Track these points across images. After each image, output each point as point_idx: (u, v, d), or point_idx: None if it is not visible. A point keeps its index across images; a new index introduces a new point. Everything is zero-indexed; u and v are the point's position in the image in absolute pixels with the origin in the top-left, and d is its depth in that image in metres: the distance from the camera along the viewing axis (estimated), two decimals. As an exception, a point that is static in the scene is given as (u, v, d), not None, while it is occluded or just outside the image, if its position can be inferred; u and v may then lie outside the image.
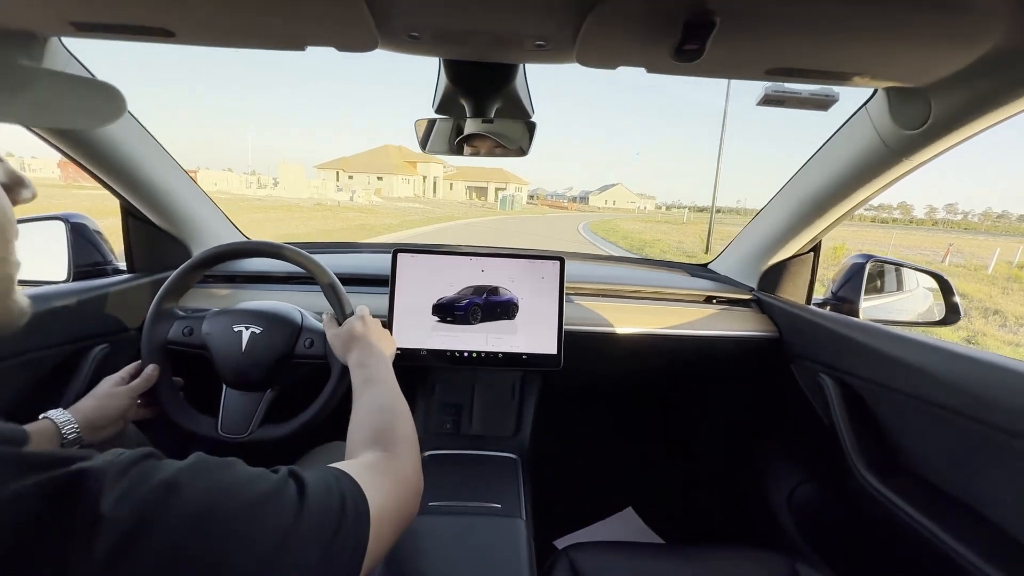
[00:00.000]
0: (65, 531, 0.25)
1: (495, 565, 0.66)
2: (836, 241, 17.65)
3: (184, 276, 0.82)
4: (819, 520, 1.03)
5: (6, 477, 0.25)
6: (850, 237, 24.20)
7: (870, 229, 56.09)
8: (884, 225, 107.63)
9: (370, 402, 0.61)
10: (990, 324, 6.62)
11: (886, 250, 16.27)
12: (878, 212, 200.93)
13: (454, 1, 0.54)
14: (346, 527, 0.37)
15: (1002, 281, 11.04)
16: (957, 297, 1.06)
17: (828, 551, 1.00)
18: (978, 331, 6.16)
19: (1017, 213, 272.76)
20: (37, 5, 0.54)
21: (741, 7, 0.49)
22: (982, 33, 0.50)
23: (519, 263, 1.00)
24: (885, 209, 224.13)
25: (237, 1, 0.54)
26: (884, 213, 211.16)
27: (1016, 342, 5.86)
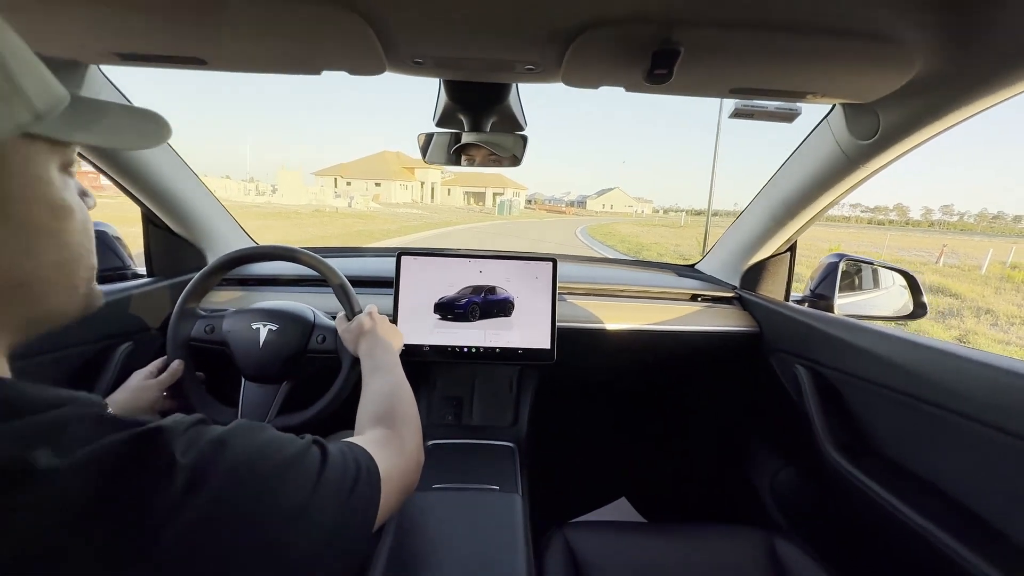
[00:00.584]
0: (148, 472, 0.31)
1: (494, 534, 0.72)
2: (832, 243, 17.75)
3: (206, 278, 0.89)
4: (797, 500, 1.10)
5: (101, 431, 0.32)
6: (846, 239, 24.37)
7: (867, 231, 56.41)
8: (880, 227, 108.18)
9: (377, 387, 0.68)
10: (981, 323, 6.71)
11: (881, 251, 16.41)
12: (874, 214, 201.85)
13: (453, 32, 0.61)
14: (360, 487, 0.44)
15: (995, 281, 11.16)
16: (924, 293, 1.14)
17: (804, 527, 1.07)
18: (969, 330, 6.25)
19: (1013, 214, 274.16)
20: (89, 38, 0.61)
21: (701, 39, 0.57)
22: (906, 62, 0.58)
23: (514, 264, 1.08)
24: (881, 211, 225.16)
25: (262, 32, 0.62)
26: (880, 215, 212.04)
27: (1006, 340, 5.95)
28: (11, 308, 0.33)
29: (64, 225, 0.35)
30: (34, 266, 0.34)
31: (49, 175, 0.34)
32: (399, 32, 0.61)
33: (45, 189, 0.34)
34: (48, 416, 0.30)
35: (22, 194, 0.32)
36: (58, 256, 0.35)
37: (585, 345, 1.18)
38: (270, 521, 0.35)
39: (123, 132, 0.39)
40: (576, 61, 0.63)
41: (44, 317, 0.36)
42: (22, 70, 0.31)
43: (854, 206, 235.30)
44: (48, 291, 0.35)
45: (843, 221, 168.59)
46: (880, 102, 0.70)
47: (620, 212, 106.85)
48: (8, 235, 0.32)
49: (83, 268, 0.38)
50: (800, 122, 0.96)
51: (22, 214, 0.32)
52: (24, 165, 0.32)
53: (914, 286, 1.16)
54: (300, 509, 0.37)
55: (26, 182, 0.32)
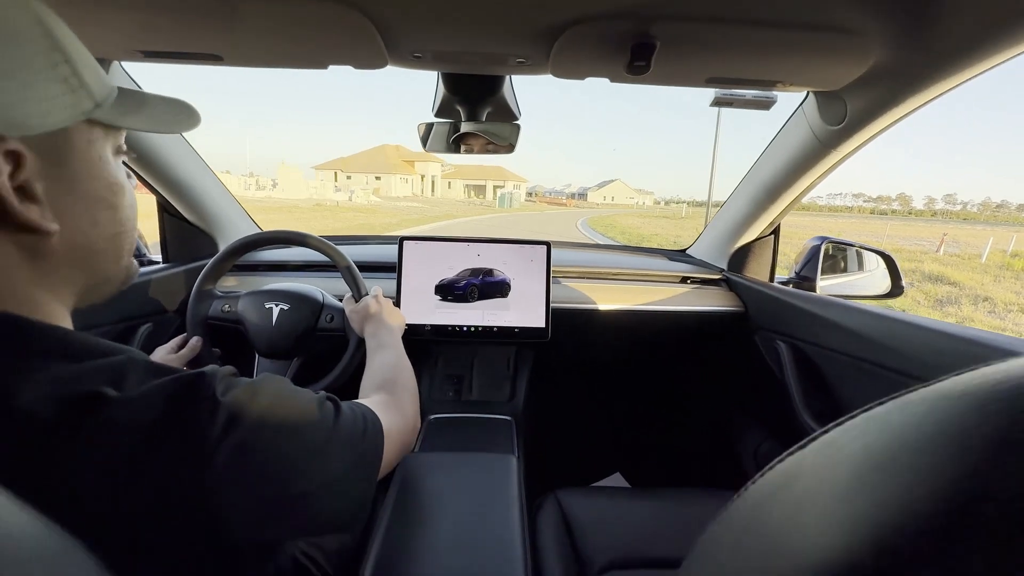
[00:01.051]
0: (197, 406, 0.37)
1: (491, 492, 0.79)
2: (833, 233, 17.71)
3: (222, 261, 0.95)
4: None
5: (154, 375, 0.38)
6: (847, 229, 24.34)
7: (869, 221, 56.21)
8: (883, 217, 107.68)
9: (380, 361, 0.75)
10: (979, 311, 6.76)
11: (881, 241, 16.40)
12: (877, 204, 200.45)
13: (450, 28, 0.67)
14: (368, 436, 0.50)
15: (994, 269, 11.19)
16: (901, 272, 1.20)
17: None
18: (967, 317, 6.30)
19: (1016, 203, 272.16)
20: (117, 37, 0.67)
21: (676, 32, 0.62)
22: (864, 52, 0.63)
23: (511, 248, 1.14)
24: (884, 200, 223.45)
25: (273, 30, 0.67)
26: (883, 205, 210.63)
27: (1002, 327, 6.00)
28: (76, 271, 0.39)
29: (119, 200, 0.41)
30: (96, 235, 0.40)
31: (106, 156, 0.40)
32: (400, 29, 0.66)
33: (104, 168, 0.40)
34: (109, 360, 0.36)
35: (87, 172, 0.38)
36: (113, 229, 0.41)
37: (579, 325, 1.25)
38: (295, 455, 0.41)
39: (162, 118, 0.45)
40: (562, 54, 0.68)
41: (98, 283, 0.42)
42: (83, 65, 0.37)
43: (856, 196, 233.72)
44: (102, 260, 0.41)
45: (845, 211, 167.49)
46: (846, 90, 0.75)
47: (621, 204, 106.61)
48: (79, 207, 0.38)
49: (127, 240, 0.44)
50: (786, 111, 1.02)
51: (89, 189, 0.38)
52: (88, 147, 0.38)
53: (892, 267, 1.22)
54: (319, 448, 0.44)
55: (90, 161, 0.38)
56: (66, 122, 0.35)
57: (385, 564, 0.60)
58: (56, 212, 0.36)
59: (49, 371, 0.33)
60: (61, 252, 0.37)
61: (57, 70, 0.35)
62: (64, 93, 0.35)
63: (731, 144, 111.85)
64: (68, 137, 0.36)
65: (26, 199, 0.34)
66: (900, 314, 0.83)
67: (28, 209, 0.34)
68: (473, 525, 0.68)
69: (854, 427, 0.20)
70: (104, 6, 0.62)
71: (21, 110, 0.32)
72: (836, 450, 0.19)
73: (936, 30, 0.59)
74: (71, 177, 0.37)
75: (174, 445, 0.34)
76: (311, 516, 0.42)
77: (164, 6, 0.61)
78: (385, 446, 0.53)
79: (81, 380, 0.33)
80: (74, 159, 0.37)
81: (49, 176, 0.35)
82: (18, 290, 0.36)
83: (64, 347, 0.35)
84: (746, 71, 0.71)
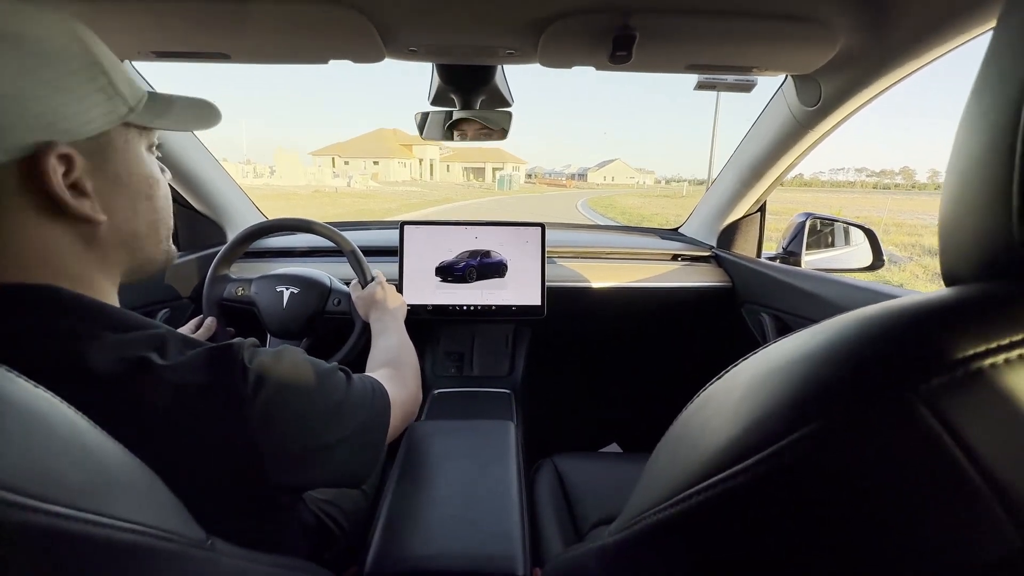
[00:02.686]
0: (229, 371, 0.43)
1: (491, 453, 0.85)
2: (833, 209, 17.64)
3: (235, 247, 1.01)
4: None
5: (189, 345, 0.44)
6: (848, 204, 24.21)
7: (871, 196, 55.79)
8: (886, 191, 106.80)
9: (384, 343, 0.82)
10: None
11: (882, 215, 16.35)
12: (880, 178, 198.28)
13: (442, 24, 0.71)
14: (376, 401, 0.57)
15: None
16: (882, 246, 1.25)
17: None
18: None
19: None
20: (131, 38, 0.72)
21: (654, 24, 0.67)
22: (831, 38, 0.68)
23: (507, 230, 1.19)
24: (887, 175, 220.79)
25: (277, 29, 0.72)
26: (886, 179, 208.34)
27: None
28: (122, 254, 0.45)
29: (155, 191, 0.47)
30: (138, 223, 0.45)
31: (142, 153, 0.46)
32: (396, 25, 0.71)
33: (140, 164, 0.45)
34: (149, 332, 0.42)
35: (127, 168, 0.44)
36: (152, 216, 0.47)
37: (574, 302, 1.31)
38: (314, 413, 0.48)
39: (188, 118, 0.50)
40: (549, 46, 0.73)
41: (141, 264, 0.48)
42: (117, 75, 0.42)
43: (859, 170, 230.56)
44: (145, 244, 0.47)
45: (848, 186, 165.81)
46: (819, 73, 0.80)
47: (622, 184, 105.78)
48: (123, 198, 0.43)
49: (165, 227, 0.50)
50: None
51: (129, 183, 0.44)
52: (126, 146, 0.44)
53: (873, 240, 1.27)
54: (335, 407, 0.50)
55: (129, 159, 0.44)
56: (106, 127, 0.41)
57: (395, 520, 0.66)
58: (103, 204, 0.42)
59: (105, 339, 0.39)
60: (109, 238, 0.43)
61: (96, 82, 0.40)
62: (103, 102, 0.40)
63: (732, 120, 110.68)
64: (109, 139, 0.42)
65: (78, 195, 0.40)
66: (874, 284, 0.89)
67: (81, 203, 0.40)
68: (474, 484, 0.75)
69: (747, 362, 0.26)
70: (120, 10, 0.66)
71: (70, 120, 0.38)
72: (734, 377, 0.26)
73: (893, 18, 0.63)
74: (114, 173, 0.43)
75: (214, 402, 0.40)
76: (331, 467, 0.49)
77: (176, 9, 0.66)
78: (391, 413, 0.59)
79: (131, 346, 0.39)
80: (115, 158, 0.43)
81: (95, 174, 0.41)
82: (76, 270, 0.42)
83: (113, 320, 0.41)
84: (722, 58, 0.76)
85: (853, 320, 0.21)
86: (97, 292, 0.43)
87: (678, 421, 0.31)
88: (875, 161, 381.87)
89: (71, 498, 0.23)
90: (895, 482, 0.17)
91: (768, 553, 0.21)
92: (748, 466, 0.20)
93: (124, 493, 0.27)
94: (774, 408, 0.20)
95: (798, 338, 0.24)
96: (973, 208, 0.22)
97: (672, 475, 0.26)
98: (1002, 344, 0.17)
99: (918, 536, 0.18)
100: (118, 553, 0.25)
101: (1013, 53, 0.20)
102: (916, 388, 0.17)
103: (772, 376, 0.22)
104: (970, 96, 0.24)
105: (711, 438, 0.23)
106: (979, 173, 0.21)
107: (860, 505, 0.18)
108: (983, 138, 0.21)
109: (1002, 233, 0.20)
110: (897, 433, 0.17)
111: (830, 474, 0.18)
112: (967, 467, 0.16)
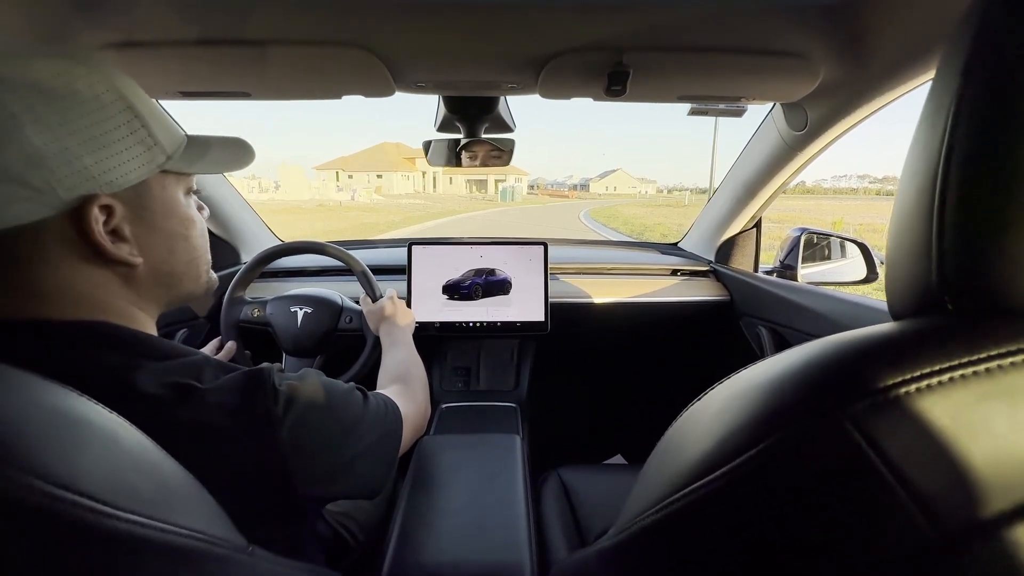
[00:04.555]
0: (262, 393, 0.47)
1: (497, 466, 0.88)
2: (835, 216, 17.64)
3: (250, 270, 1.06)
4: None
5: (225, 371, 0.48)
6: (850, 212, 24.20)
7: (874, 203, 55.78)
8: (889, 197, 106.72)
9: (394, 357, 0.86)
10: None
11: (884, 223, 16.31)
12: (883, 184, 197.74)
13: (448, 62, 0.77)
14: (390, 416, 0.61)
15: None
16: (876, 259, 1.29)
17: None
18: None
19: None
20: (159, 79, 0.77)
21: (646, 61, 0.71)
22: (812, 71, 0.72)
23: (511, 248, 1.24)
24: (890, 181, 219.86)
25: (296, 70, 0.77)
26: (889, 185, 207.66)
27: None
28: (160, 291, 0.50)
29: (191, 232, 0.51)
30: (175, 262, 0.50)
31: (178, 196, 0.50)
32: (405, 64, 0.76)
33: (177, 208, 0.49)
34: (186, 360, 0.46)
35: (163, 212, 0.48)
36: (188, 256, 0.51)
37: (577, 318, 1.34)
38: (337, 429, 0.52)
39: (224, 159, 0.54)
40: (548, 81, 0.78)
41: (181, 298, 0.53)
42: (156, 124, 0.46)
43: (862, 177, 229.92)
44: (183, 281, 0.51)
45: (850, 193, 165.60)
46: (805, 100, 0.84)
47: (624, 194, 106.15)
48: (159, 241, 0.47)
49: (203, 262, 0.54)
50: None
51: (165, 227, 0.48)
52: (163, 192, 0.48)
53: (867, 254, 1.30)
54: (355, 424, 0.54)
55: (165, 203, 0.48)
56: (144, 176, 0.44)
57: (408, 531, 0.70)
58: (140, 247, 0.45)
59: (149, 367, 0.43)
60: (146, 277, 0.47)
61: (136, 135, 0.43)
62: (142, 153, 0.44)
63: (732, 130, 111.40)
64: (148, 187, 0.45)
65: (117, 239, 0.43)
66: (863, 299, 0.92)
67: (119, 248, 0.43)
68: (483, 495, 0.78)
69: (722, 384, 0.30)
70: (149, 54, 0.72)
71: (111, 173, 0.41)
72: (710, 398, 0.30)
73: (869, 52, 0.68)
74: (151, 218, 0.46)
75: (250, 421, 0.44)
76: (350, 480, 0.53)
77: (202, 54, 0.71)
78: (403, 427, 0.63)
79: (173, 373, 0.43)
80: (152, 203, 0.46)
81: (134, 220, 0.44)
82: (118, 306, 0.46)
83: (155, 350, 0.45)
84: (712, 89, 0.80)
85: (807, 350, 0.25)
86: (139, 324, 0.47)
87: (666, 435, 0.35)
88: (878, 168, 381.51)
89: (144, 507, 0.27)
90: (828, 487, 0.21)
91: (736, 551, 0.24)
92: (716, 476, 0.24)
93: (182, 503, 0.31)
94: (737, 427, 0.24)
95: (764, 365, 0.28)
96: (907, 253, 0.26)
97: (658, 483, 0.30)
98: (916, 375, 0.21)
99: (849, 530, 0.21)
100: (177, 556, 0.29)
101: (933, 125, 0.25)
102: (844, 410, 0.21)
103: (739, 398, 0.26)
104: (908, 150, 0.28)
105: (690, 451, 0.27)
106: (911, 223, 0.25)
107: (803, 508, 0.22)
108: (913, 194, 0.25)
109: (926, 277, 0.24)
110: (830, 448, 0.21)
111: (779, 483, 0.22)
112: (886, 474, 0.20)
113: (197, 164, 0.51)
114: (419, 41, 0.70)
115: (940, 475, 0.20)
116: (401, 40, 0.69)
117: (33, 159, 0.36)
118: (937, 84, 0.25)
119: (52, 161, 0.37)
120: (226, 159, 0.54)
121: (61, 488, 0.23)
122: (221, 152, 0.54)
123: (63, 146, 0.38)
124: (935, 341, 0.22)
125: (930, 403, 0.20)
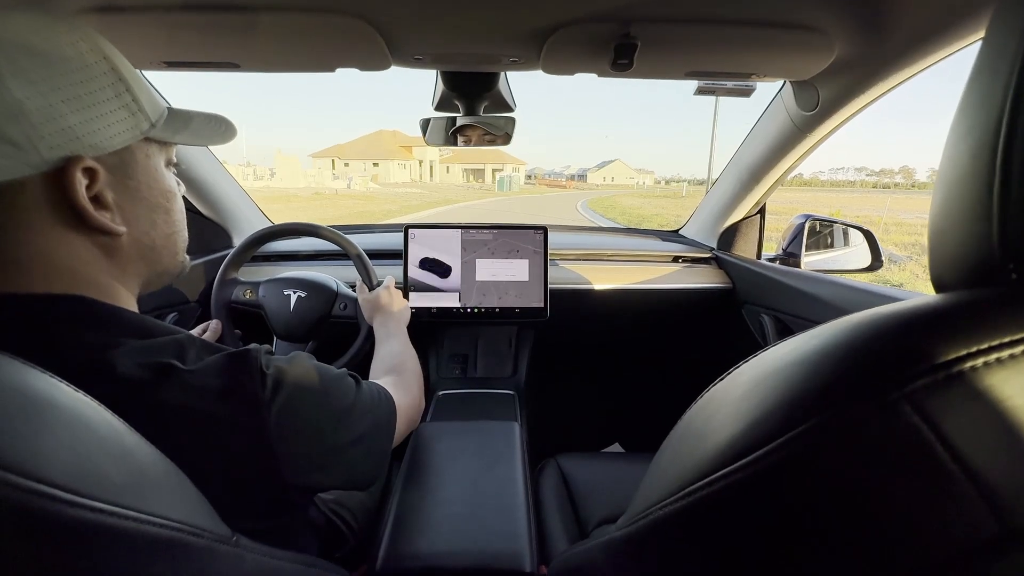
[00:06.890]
0: (248, 375, 0.44)
1: (496, 453, 0.87)
2: (833, 208, 17.65)
3: (243, 251, 1.03)
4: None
5: (210, 351, 0.45)
6: (848, 204, 24.22)
7: (871, 195, 55.79)
8: (886, 190, 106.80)
9: (388, 348, 0.83)
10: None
11: (882, 215, 16.36)
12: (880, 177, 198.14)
13: (447, 33, 0.73)
14: (383, 405, 0.58)
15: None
16: (880, 247, 1.27)
17: None
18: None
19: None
20: (143, 49, 0.73)
21: (654, 33, 0.68)
22: (827, 46, 0.69)
23: (510, 233, 1.21)
24: (887, 174, 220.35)
25: (285, 38, 0.74)
26: (886, 178, 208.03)
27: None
28: (140, 266, 0.47)
29: (172, 205, 0.48)
30: (156, 235, 0.47)
31: (161, 167, 0.47)
32: (401, 35, 0.72)
33: (159, 178, 0.47)
34: (169, 338, 0.44)
35: (147, 182, 0.45)
36: (168, 229, 0.48)
37: (576, 304, 1.32)
38: (327, 416, 0.49)
39: (205, 132, 0.52)
40: (551, 54, 0.74)
41: (159, 274, 0.50)
42: (139, 89, 0.43)
43: (859, 169, 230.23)
44: (162, 256, 0.49)
45: (848, 185, 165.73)
46: (817, 79, 0.81)
47: (621, 184, 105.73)
48: (142, 211, 0.45)
49: (181, 239, 0.52)
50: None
51: (148, 197, 0.45)
52: (146, 160, 0.45)
53: (872, 241, 1.28)
54: (346, 411, 0.52)
55: (148, 173, 0.45)
56: (128, 141, 0.42)
57: (404, 519, 0.68)
58: (123, 217, 0.43)
59: (129, 345, 0.40)
60: (128, 249, 0.45)
61: (121, 98, 0.41)
62: (127, 117, 0.42)
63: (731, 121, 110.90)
64: (131, 153, 0.43)
65: (100, 207, 0.41)
66: (871, 286, 0.90)
67: (102, 215, 0.41)
68: (481, 483, 0.76)
69: (747, 364, 0.27)
70: (131, 20, 0.68)
71: (95, 135, 0.39)
72: (735, 378, 0.27)
73: (888, 26, 0.65)
74: (134, 187, 0.44)
75: (235, 405, 0.42)
76: (340, 469, 0.50)
77: (187, 20, 0.67)
78: (396, 418, 0.61)
79: (154, 352, 0.41)
80: (136, 172, 0.44)
81: (117, 187, 0.42)
82: (97, 280, 0.43)
83: (136, 327, 0.43)
84: (721, 65, 0.77)
85: (846, 325, 0.23)
86: (119, 300, 0.44)
87: (683, 419, 0.32)
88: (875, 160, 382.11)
89: (114, 495, 0.24)
90: (882, 475, 0.19)
91: (769, 543, 0.22)
92: (748, 462, 0.22)
93: (159, 491, 0.28)
94: (772, 408, 0.22)
95: (795, 341, 0.25)
96: (959, 219, 0.23)
97: (678, 471, 0.27)
98: (981, 348, 0.18)
99: (904, 524, 0.19)
100: (154, 547, 0.26)
101: (994, 74, 0.22)
102: (901, 388, 0.18)
103: (770, 378, 0.23)
104: (957, 111, 0.25)
105: (714, 436, 0.25)
106: (964, 186, 0.23)
107: (851, 497, 0.20)
108: (967, 153, 0.23)
109: (984, 243, 0.21)
110: (883, 430, 0.19)
111: (823, 469, 0.20)
112: (946, 459, 0.18)
113: (181, 134, 0.48)
114: (417, 10, 0.66)
115: (1008, 463, 0.18)
116: (398, 8, 0.66)
117: (13, 111, 0.35)
118: (995, 29, 0.23)
119: (35, 116, 0.35)
120: (208, 132, 0.53)
121: (17, 475, 0.21)
122: (203, 125, 0.52)
123: (47, 102, 0.36)
124: (1002, 311, 0.19)
125: (1000, 379, 0.18)
